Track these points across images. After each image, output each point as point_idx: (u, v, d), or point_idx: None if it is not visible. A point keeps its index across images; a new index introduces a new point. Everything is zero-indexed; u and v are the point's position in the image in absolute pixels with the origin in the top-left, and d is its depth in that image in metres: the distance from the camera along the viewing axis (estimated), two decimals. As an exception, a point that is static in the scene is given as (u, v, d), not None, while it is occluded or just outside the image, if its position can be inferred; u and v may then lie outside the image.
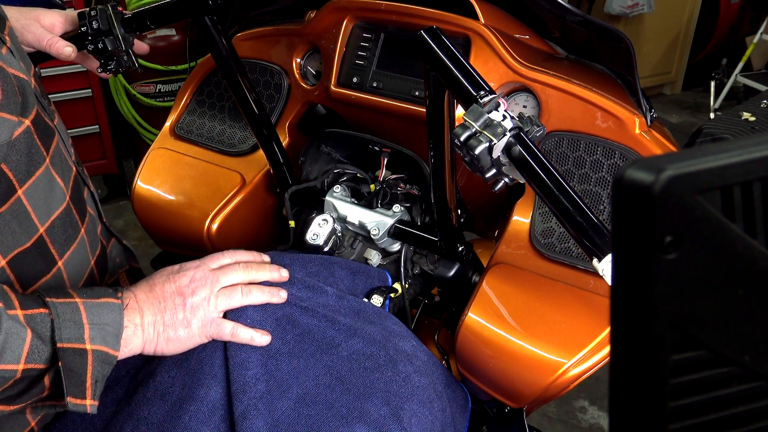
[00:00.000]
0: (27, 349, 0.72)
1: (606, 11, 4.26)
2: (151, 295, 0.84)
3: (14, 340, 0.71)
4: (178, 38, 3.09)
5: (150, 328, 0.83)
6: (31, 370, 0.73)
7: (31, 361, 0.72)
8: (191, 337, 0.86)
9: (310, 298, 0.94)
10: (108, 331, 0.77)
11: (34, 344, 0.72)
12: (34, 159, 0.83)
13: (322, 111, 1.33)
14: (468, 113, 0.77)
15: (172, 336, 0.84)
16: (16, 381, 0.72)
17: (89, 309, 0.77)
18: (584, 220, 0.74)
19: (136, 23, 1.11)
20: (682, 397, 0.35)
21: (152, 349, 0.84)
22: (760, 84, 4.04)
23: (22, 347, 0.71)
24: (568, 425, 2.16)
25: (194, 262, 0.90)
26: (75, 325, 0.74)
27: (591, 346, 0.90)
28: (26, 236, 0.83)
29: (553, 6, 1.09)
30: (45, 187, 0.85)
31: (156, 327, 0.83)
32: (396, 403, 0.86)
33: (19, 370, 0.72)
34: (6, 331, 0.70)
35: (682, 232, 0.32)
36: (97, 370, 0.76)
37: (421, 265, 1.11)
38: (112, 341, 0.77)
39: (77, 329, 0.74)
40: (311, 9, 1.30)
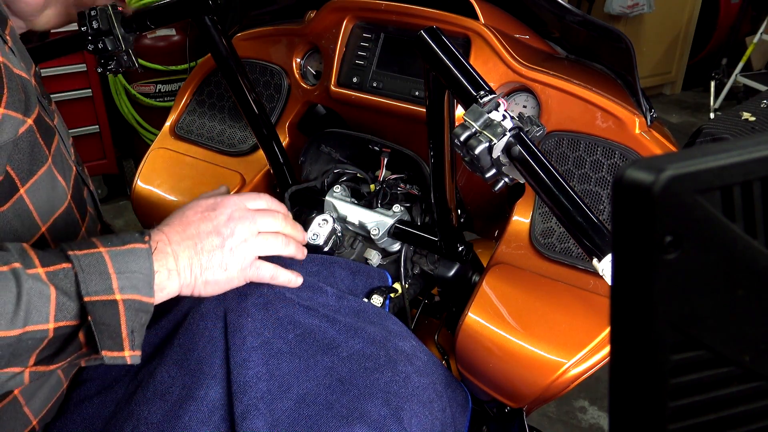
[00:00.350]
0: (54, 308, 0.69)
1: (606, 11, 4.26)
2: (185, 235, 0.81)
3: (38, 299, 0.68)
4: (178, 38, 3.09)
5: (186, 271, 0.79)
6: (63, 327, 0.70)
7: (61, 319, 0.70)
8: (230, 280, 0.83)
9: (310, 298, 0.94)
10: (138, 279, 0.73)
11: (61, 301, 0.70)
12: (36, 158, 0.83)
13: (322, 111, 1.33)
14: (468, 113, 0.77)
15: (210, 279, 0.81)
16: (50, 341, 0.70)
17: (114, 258, 0.73)
18: (584, 220, 0.74)
19: (136, 23, 1.11)
20: (682, 397, 0.35)
21: (189, 291, 0.81)
22: (760, 84, 4.04)
23: (48, 306, 0.69)
24: (568, 425, 2.16)
25: (231, 197, 0.86)
26: (101, 276, 0.71)
27: (591, 346, 0.90)
28: (28, 235, 0.83)
29: (553, 6, 1.09)
30: (47, 187, 0.85)
31: (193, 270, 0.80)
32: (396, 403, 0.86)
33: (51, 329, 0.69)
34: (28, 292, 0.68)
35: (682, 232, 0.32)
36: (132, 320, 0.73)
37: (421, 265, 1.11)
38: (145, 288, 0.74)
39: (104, 280, 0.71)
40: (311, 9, 1.30)
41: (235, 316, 0.88)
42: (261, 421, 0.81)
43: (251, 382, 0.83)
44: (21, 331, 0.67)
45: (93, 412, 0.89)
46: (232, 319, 0.87)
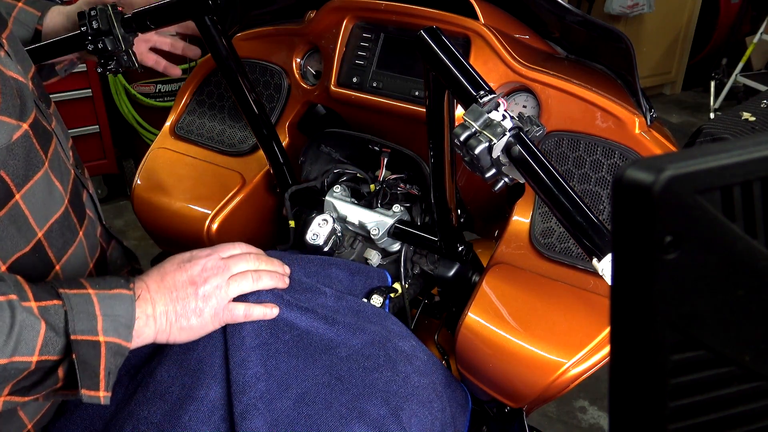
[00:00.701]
0: (41, 341, 0.72)
1: (606, 11, 4.26)
2: (162, 285, 0.84)
3: (28, 332, 0.71)
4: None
5: (162, 318, 0.83)
6: (45, 362, 0.73)
7: (45, 353, 0.72)
8: (204, 326, 0.86)
9: (309, 299, 0.94)
10: (120, 323, 0.77)
11: (48, 336, 0.72)
12: (32, 163, 0.83)
13: (322, 111, 1.33)
14: (468, 113, 0.77)
15: (184, 325, 0.84)
16: (30, 372, 0.72)
17: (102, 300, 0.76)
18: (584, 219, 0.74)
19: (136, 23, 1.11)
20: (682, 397, 0.35)
21: (165, 338, 0.84)
22: (760, 84, 4.04)
23: (36, 339, 0.71)
24: (568, 425, 2.16)
25: (205, 250, 0.90)
26: (88, 316, 0.74)
27: (591, 346, 0.90)
28: (24, 241, 0.83)
29: (553, 6, 1.09)
30: (43, 192, 0.85)
31: (168, 317, 0.83)
32: (395, 403, 0.86)
33: (34, 362, 0.72)
34: (20, 324, 0.70)
35: (682, 232, 0.32)
36: (110, 362, 0.76)
37: (421, 265, 1.11)
38: (125, 333, 0.77)
39: (91, 321, 0.74)
40: (311, 9, 1.30)
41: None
42: (260, 420, 0.81)
43: (250, 381, 0.83)
44: (7, 360, 0.69)
45: (93, 413, 0.89)
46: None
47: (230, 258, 0.90)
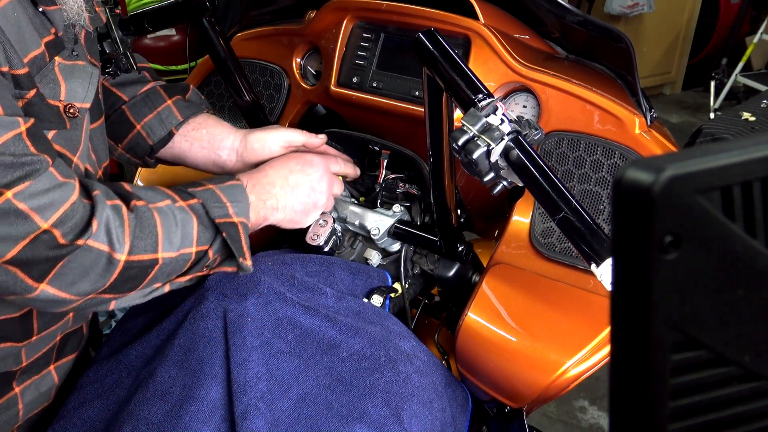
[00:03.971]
0: (196, 233, 0.85)
1: (606, 11, 4.26)
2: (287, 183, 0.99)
3: (188, 227, 0.84)
4: (178, 38, 3.09)
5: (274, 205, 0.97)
6: (200, 251, 0.86)
7: (201, 242, 0.86)
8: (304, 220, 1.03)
9: (310, 299, 0.94)
10: (242, 206, 0.89)
11: (200, 228, 0.86)
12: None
13: (322, 111, 1.33)
14: (466, 117, 0.77)
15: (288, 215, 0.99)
16: (192, 261, 0.86)
17: (224, 191, 0.89)
18: (582, 225, 0.74)
19: (133, 26, 1.11)
20: (682, 397, 0.35)
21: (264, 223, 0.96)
22: (760, 84, 4.04)
23: (193, 232, 0.85)
24: (568, 425, 2.16)
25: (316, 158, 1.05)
26: (220, 204, 0.87)
27: (591, 346, 0.90)
28: (18, 307, 0.85)
29: (553, 6, 1.09)
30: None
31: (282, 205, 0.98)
32: (396, 403, 0.86)
33: (194, 252, 0.86)
34: (181, 221, 0.84)
35: (682, 232, 0.32)
36: (245, 238, 0.88)
37: (421, 265, 1.11)
38: (247, 213, 0.90)
39: (223, 208, 0.87)
40: (311, 9, 1.30)
41: (235, 317, 0.88)
42: (261, 421, 0.81)
43: (251, 382, 0.83)
44: (177, 253, 0.84)
45: (94, 414, 0.89)
46: (232, 319, 0.87)
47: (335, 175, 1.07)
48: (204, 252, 0.87)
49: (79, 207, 0.75)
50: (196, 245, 0.85)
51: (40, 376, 0.93)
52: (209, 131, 1.09)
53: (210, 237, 0.87)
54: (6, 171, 0.70)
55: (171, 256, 0.83)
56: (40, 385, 0.93)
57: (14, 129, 0.71)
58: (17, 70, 0.74)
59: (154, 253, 0.81)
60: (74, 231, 0.74)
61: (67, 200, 0.74)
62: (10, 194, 0.70)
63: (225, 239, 0.87)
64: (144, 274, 0.82)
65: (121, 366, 0.92)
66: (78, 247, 0.74)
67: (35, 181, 0.72)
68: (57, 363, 0.96)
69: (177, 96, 1.10)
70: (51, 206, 0.73)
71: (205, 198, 0.87)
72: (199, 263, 0.87)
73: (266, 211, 0.95)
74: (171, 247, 0.83)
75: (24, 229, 0.71)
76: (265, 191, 0.96)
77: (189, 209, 0.86)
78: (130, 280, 0.81)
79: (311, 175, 1.02)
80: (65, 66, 0.82)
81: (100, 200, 0.78)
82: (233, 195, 0.89)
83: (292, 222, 1.01)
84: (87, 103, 0.85)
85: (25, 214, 0.71)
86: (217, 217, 0.86)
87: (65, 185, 0.75)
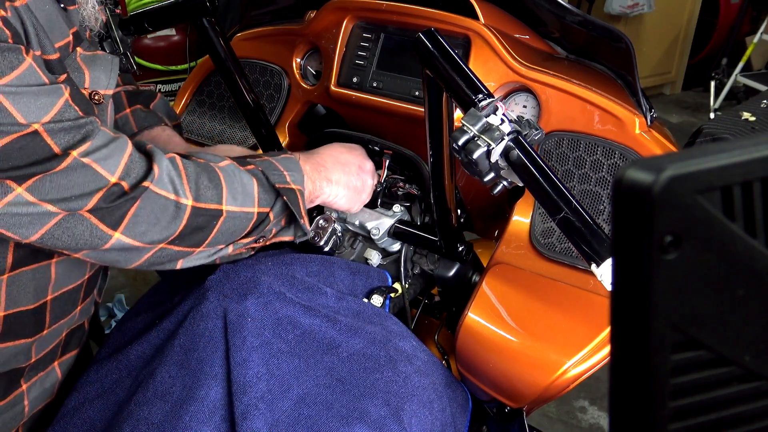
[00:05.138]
0: (257, 194, 0.89)
1: (606, 11, 4.26)
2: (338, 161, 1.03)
3: (249, 187, 0.88)
4: (178, 38, 3.09)
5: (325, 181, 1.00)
6: (262, 213, 0.90)
7: (262, 204, 0.89)
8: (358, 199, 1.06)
9: (310, 298, 0.94)
10: (298, 176, 0.93)
11: (260, 190, 0.89)
12: None
13: (322, 111, 1.33)
14: (466, 117, 0.77)
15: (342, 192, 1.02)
16: (253, 222, 0.89)
17: (280, 162, 0.93)
18: (582, 225, 0.74)
19: (133, 26, 1.11)
20: (682, 397, 0.35)
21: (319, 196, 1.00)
22: (760, 84, 4.04)
23: (254, 193, 0.89)
24: (568, 425, 2.16)
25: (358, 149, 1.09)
26: (279, 172, 0.91)
27: (591, 346, 0.90)
28: (33, 299, 0.87)
29: (553, 6, 1.09)
30: (75, 261, 0.89)
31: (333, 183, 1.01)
32: (396, 403, 0.86)
33: (255, 213, 0.89)
34: (242, 181, 0.88)
35: (682, 232, 0.32)
36: (302, 204, 0.92)
37: (421, 265, 1.11)
38: (302, 182, 0.93)
39: (281, 176, 0.91)
40: (311, 9, 1.30)
41: (235, 317, 0.88)
42: (261, 421, 0.81)
43: (251, 382, 0.83)
44: (241, 209, 0.87)
45: (94, 414, 0.89)
46: (232, 319, 0.87)
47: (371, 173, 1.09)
48: (265, 214, 0.90)
49: (136, 157, 0.80)
50: (258, 206, 0.89)
51: (45, 373, 0.94)
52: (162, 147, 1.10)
53: (271, 200, 0.90)
54: (67, 135, 0.74)
55: (235, 210, 0.86)
56: (44, 381, 0.94)
57: (62, 95, 0.75)
58: (49, 56, 0.77)
59: (219, 204, 0.85)
60: (138, 177, 0.79)
61: (125, 152, 0.79)
62: (76, 153, 0.74)
63: (285, 202, 0.91)
64: (210, 226, 0.85)
65: (121, 366, 0.92)
66: (144, 190, 0.79)
67: (94, 140, 0.76)
68: (61, 359, 0.97)
69: (138, 105, 1.13)
70: (112, 157, 0.77)
71: (264, 166, 0.91)
72: (260, 225, 0.91)
73: (321, 181, 0.99)
74: (234, 201, 0.86)
75: (95, 184, 0.76)
76: (318, 164, 1.00)
77: (249, 173, 0.89)
78: (198, 231, 0.84)
79: (358, 156, 1.07)
80: (86, 56, 0.85)
81: (155, 151, 0.83)
82: (289, 165, 0.93)
83: (346, 199, 1.03)
84: (110, 89, 0.88)
85: (93, 169, 0.76)
86: (276, 183, 0.90)
87: (119, 139, 0.80)
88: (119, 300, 2.53)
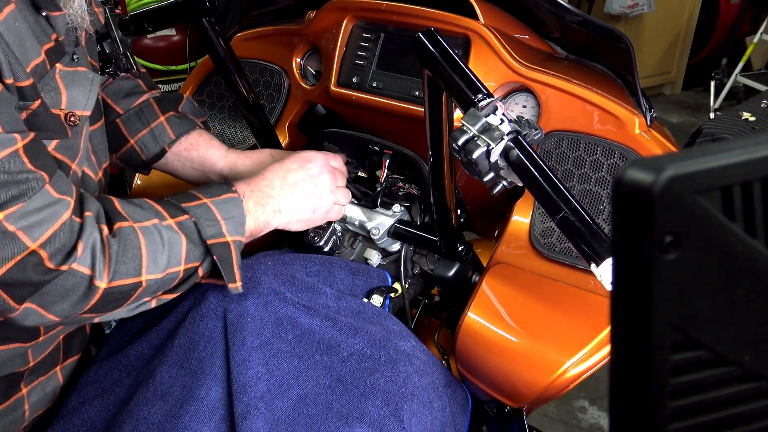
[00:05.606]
0: (185, 252, 0.83)
1: (606, 11, 4.26)
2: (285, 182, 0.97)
3: (175, 246, 0.82)
4: (178, 38, 3.09)
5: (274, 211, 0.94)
6: (189, 269, 0.85)
7: (189, 261, 0.84)
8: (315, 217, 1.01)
9: (310, 298, 0.94)
10: (238, 223, 0.87)
11: (189, 247, 0.84)
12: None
13: (322, 111, 1.33)
14: (466, 117, 0.77)
15: (301, 217, 0.98)
16: (179, 279, 0.85)
17: (218, 206, 0.87)
18: (582, 225, 0.74)
19: (133, 26, 1.11)
20: (682, 397, 0.35)
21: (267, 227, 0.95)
22: (760, 84, 4.04)
23: (181, 251, 0.83)
24: (568, 425, 2.16)
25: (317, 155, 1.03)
26: (212, 222, 0.85)
27: (591, 346, 0.90)
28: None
29: (553, 6, 1.09)
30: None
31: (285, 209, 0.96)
32: (396, 403, 0.86)
33: (182, 270, 0.84)
34: (168, 241, 0.82)
35: (682, 232, 0.32)
36: (237, 257, 0.86)
37: (421, 265, 1.11)
38: (241, 230, 0.87)
39: (216, 227, 0.85)
40: (311, 9, 1.30)
41: (235, 317, 0.88)
42: (261, 421, 0.81)
43: (251, 381, 0.83)
44: (164, 274, 0.82)
45: (94, 414, 0.89)
46: (232, 319, 0.87)
47: (336, 170, 1.05)
48: (194, 269, 0.85)
49: (67, 227, 0.74)
50: (185, 263, 0.84)
51: (46, 377, 0.93)
52: (200, 153, 1.10)
53: (200, 255, 0.85)
54: (1, 189, 0.69)
55: (156, 278, 0.81)
56: (45, 386, 0.94)
57: (11, 146, 0.70)
58: (22, 82, 0.73)
59: (138, 277, 0.79)
60: (61, 252, 0.73)
61: (58, 219, 0.73)
62: (2, 216, 0.69)
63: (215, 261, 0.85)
64: (126, 297, 0.80)
65: (121, 366, 0.92)
66: (62, 273, 0.74)
67: (29, 201, 0.71)
68: (63, 364, 0.96)
69: (170, 112, 1.10)
70: (41, 225, 0.72)
71: (198, 215, 0.85)
72: (188, 279, 0.86)
73: (267, 215, 0.93)
74: (156, 269, 0.81)
75: (11, 251, 0.70)
76: (264, 194, 0.93)
77: (178, 227, 0.83)
78: (112, 302, 0.80)
79: (310, 170, 0.99)
80: (66, 73, 0.81)
81: (90, 223, 0.77)
82: (228, 211, 0.87)
83: (300, 223, 0.99)
84: (88, 110, 0.85)
85: (14, 235, 0.70)
86: (209, 238, 0.84)
87: (59, 202, 0.74)
88: (119, 300, 2.52)
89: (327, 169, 1.01)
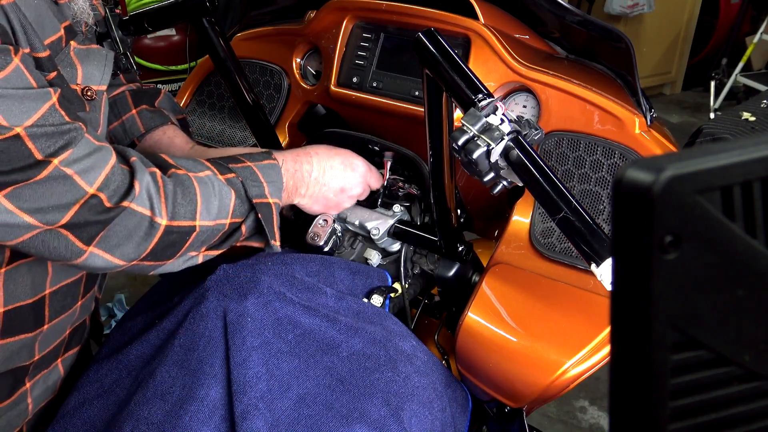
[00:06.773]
0: (233, 206, 0.89)
1: (606, 11, 4.26)
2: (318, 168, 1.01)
3: (225, 198, 0.88)
4: (178, 38, 3.09)
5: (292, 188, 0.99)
6: (234, 223, 0.90)
7: (235, 216, 0.89)
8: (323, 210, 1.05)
9: (310, 298, 0.94)
10: (277, 187, 0.93)
11: (237, 201, 0.89)
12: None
13: (322, 111, 1.33)
14: (466, 117, 0.77)
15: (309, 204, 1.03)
16: (224, 232, 0.90)
17: (261, 170, 0.92)
18: (582, 225, 0.74)
19: (133, 26, 1.11)
20: (682, 397, 0.35)
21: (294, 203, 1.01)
22: (760, 84, 4.04)
23: (229, 205, 0.88)
24: (568, 425, 2.16)
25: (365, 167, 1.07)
26: (257, 184, 0.91)
27: (591, 346, 0.90)
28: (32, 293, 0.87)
29: (553, 6, 1.09)
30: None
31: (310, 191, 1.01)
32: (396, 403, 0.86)
33: (227, 224, 0.89)
34: (219, 192, 0.87)
35: (682, 232, 0.32)
36: (277, 218, 0.92)
37: (421, 265, 1.11)
38: (279, 195, 0.93)
39: (260, 188, 0.91)
40: (311, 9, 1.30)
41: (235, 317, 0.88)
42: (261, 421, 0.81)
43: (251, 381, 0.83)
44: (214, 222, 0.87)
45: (94, 414, 0.89)
46: (232, 319, 0.87)
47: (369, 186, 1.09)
48: (238, 225, 0.90)
49: (118, 170, 0.79)
50: (231, 217, 0.89)
51: (48, 370, 0.94)
52: (162, 150, 1.10)
53: (245, 212, 0.90)
54: (49, 141, 0.73)
55: (208, 225, 0.86)
56: (48, 379, 0.94)
57: (49, 100, 0.74)
58: (39, 53, 0.76)
59: (193, 221, 0.84)
60: (118, 193, 0.78)
61: (108, 163, 0.78)
62: (57, 161, 0.73)
63: (258, 218, 0.91)
64: (182, 241, 0.85)
65: (121, 366, 0.92)
66: (123, 210, 0.78)
67: (76, 148, 0.75)
68: (64, 356, 0.97)
69: (143, 105, 1.12)
70: (93, 170, 0.76)
71: (245, 175, 0.90)
72: (232, 236, 0.91)
73: (294, 195, 0.99)
74: (209, 215, 0.86)
75: (73, 196, 0.75)
76: (301, 178, 0.99)
77: (227, 183, 0.89)
78: (170, 247, 0.84)
79: (350, 179, 1.04)
80: (80, 50, 0.84)
81: (138, 166, 0.81)
82: (270, 175, 0.93)
83: (307, 209, 1.04)
84: (103, 85, 0.87)
85: (72, 180, 0.75)
86: (254, 197, 0.90)
87: (102, 149, 0.78)
88: (119, 300, 2.53)
89: (362, 186, 1.06)
